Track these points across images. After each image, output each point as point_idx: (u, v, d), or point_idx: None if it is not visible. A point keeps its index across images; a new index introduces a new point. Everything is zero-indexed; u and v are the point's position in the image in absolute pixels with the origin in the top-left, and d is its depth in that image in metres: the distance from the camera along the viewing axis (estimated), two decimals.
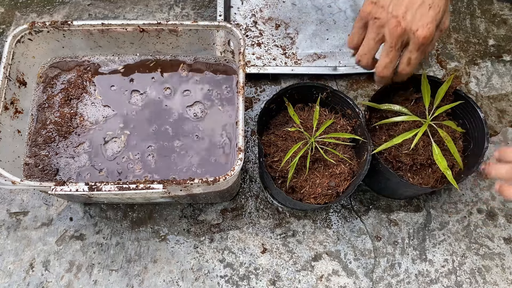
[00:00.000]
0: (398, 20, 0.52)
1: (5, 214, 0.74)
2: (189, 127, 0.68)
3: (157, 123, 0.68)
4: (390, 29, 0.53)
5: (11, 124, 0.63)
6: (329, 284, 0.70)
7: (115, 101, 0.69)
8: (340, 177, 0.67)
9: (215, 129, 0.68)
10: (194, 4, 0.93)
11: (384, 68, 0.57)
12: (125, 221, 0.74)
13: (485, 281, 0.71)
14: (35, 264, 0.70)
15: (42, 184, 0.55)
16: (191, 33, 0.67)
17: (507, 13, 0.94)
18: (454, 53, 0.90)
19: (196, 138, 0.67)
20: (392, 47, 0.54)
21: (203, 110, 0.69)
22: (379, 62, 0.57)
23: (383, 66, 0.57)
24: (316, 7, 0.92)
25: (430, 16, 0.51)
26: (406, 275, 0.71)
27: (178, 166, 0.65)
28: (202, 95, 0.70)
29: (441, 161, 0.61)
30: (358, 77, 0.86)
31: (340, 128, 0.70)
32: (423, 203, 0.77)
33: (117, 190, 0.54)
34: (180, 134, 0.67)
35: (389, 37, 0.54)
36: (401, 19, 0.52)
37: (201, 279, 0.70)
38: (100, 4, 0.93)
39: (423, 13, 0.51)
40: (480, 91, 0.86)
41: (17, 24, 0.90)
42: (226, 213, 0.75)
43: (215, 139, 0.67)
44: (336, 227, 0.74)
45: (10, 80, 0.62)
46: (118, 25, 0.65)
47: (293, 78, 0.86)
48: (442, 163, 0.61)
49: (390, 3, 0.52)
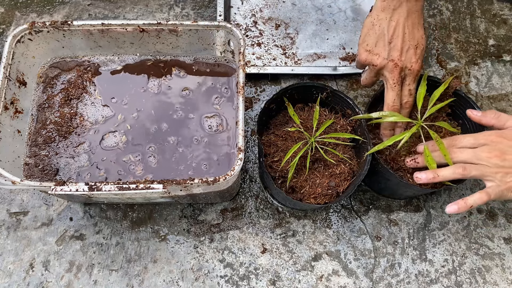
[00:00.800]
0: (395, 63, 0.63)
1: (5, 214, 0.74)
2: (189, 126, 0.68)
3: (157, 123, 0.68)
4: (389, 70, 0.64)
5: (11, 124, 0.63)
6: (329, 284, 0.70)
7: (115, 101, 0.69)
8: (340, 177, 0.67)
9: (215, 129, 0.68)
10: (194, 4, 0.93)
11: (393, 101, 0.65)
12: (125, 221, 0.74)
13: (485, 281, 0.71)
14: (35, 264, 0.70)
15: (42, 184, 0.55)
16: (191, 33, 0.67)
17: (507, 13, 0.94)
18: (454, 53, 0.90)
19: (196, 138, 0.67)
20: (395, 83, 0.64)
21: (203, 110, 0.69)
22: (388, 98, 0.66)
23: (391, 99, 0.65)
24: (316, 7, 0.92)
25: (417, 54, 0.64)
26: (406, 275, 0.71)
27: (178, 166, 0.65)
28: (202, 95, 0.70)
29: (431, 163, 0.61)
30: (358, 77, 0.86)
31: (340, 128, 0.70)
32: (423, 203, 0.77)
33: (117, 190, 0.54)
34: (180, 134, 0.67)
35: (390, 76, 0.64)
36: (398, 61, 0.63)
37: (201, 279, 0.70)
38: (100, 4, 0.93)
39: (412, 53, 0.64)
40: (480, 91, 0.86)
41: (17, 24, 0.90)
42: (226, 213, 0.75)
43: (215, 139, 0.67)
44: (336, 227, 0.74)
45: (10, 80, 0.62)
46: (118, 25, 0.65)
47: (293, 78, 0.86)
48: (432, 165, 0.61)
49: (384, 51, 0.64)
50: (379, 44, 0.64)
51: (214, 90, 0.70)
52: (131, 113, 0.69)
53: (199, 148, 0.66)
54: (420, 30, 0.64)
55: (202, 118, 0.69)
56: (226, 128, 0.68)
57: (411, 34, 0.64)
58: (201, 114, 0.69)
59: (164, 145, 0.67)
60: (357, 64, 0.69)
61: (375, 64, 0.65)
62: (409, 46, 0.63)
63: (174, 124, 0.68)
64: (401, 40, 0.63)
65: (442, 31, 0.92)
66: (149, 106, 0.69)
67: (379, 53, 0.64)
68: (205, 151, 0.66)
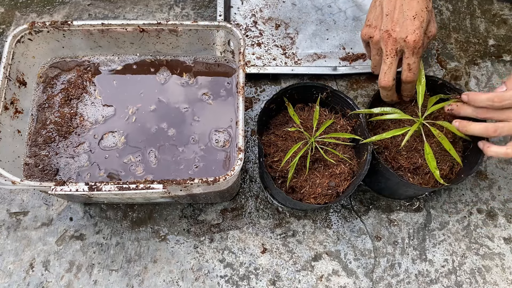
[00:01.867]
0: (389, 33, 0.62)
1: (5, 214, 0.74)
2: (189, 126, 0.68)
3: (157, 123, 0.68)
4: (383, 41, 0.63)
5: (11, 124, 0.63)
6: (329, 284, 0.70)
7: (115, 101, 0.69)
8: (340, 177, 0.67)
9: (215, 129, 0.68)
10: (194, 4, 0.93)
11: (384, 75, 0.64)
12: (125, 221, 0.74)
13: (485, 281, 0.71)
14: (35, 264, 0.70)
15: (42, 184, 0.55)
16: (191, 33, 0.67)
17: (507, 13, 0.94)
18: (454, 53, 0.90)
19: (196, 137, 0.67)
20: (387, 54, 0.63)
21: (203, 110, 0.69)
22: (380, 72, 0.65)
23: (383, 72, 0.64)
24: (316, 7, 0.92)
25: (415, 24, 0.61)
26: (406, 275, 0.71)
27: (178, 166, 0.65)
28: (202, 94, 0.70)
29: (431, 161, 0.61)
30: (358, 77, 0.86)
31: (340, 128, 0.70)
32: (423, 203, 0.77)
33: (117, 190, 0.54)
34: (180, 134, 0.67)
35: (384, 48, 0.64)
36: (391, 31, 0.62)
37: (201, 279, 0.70)
38: (100, 4, 0.93)
39: (409, 23, 0.61)
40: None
41: (17, 24, 0.90)
42: (226, 213, 0.75)
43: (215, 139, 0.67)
44: (336, 227, 0.74)
45: (10, 80, 0.62)
46: (118, 25, 0.65)
47: (293, 78, 0.86)
48: (432, 163, 0.61)
49: (381, 23, 0.64)
50: (378, 18, 0.65)
51: (214, 90, 0.70)
52: (131, 113, 0.69)
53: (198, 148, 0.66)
54: (420, 3, 0.62)
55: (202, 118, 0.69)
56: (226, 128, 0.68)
57: (408, 5, 0.62)
58: (200, 113, 0.69)
59: (165, 145, 0.67)
60: (362, 43, 0.70)
61: (372, 36, 0.65)
62: (405, 17, 0.61)
63: (174, 124, 0.68)
64: (398, 11, 0.62)
65: (442, 31, 0.92)
66: (149, 106, 0.69)
67: (377, 26, 0.65)
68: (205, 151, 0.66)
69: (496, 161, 0.81)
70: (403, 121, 0.69)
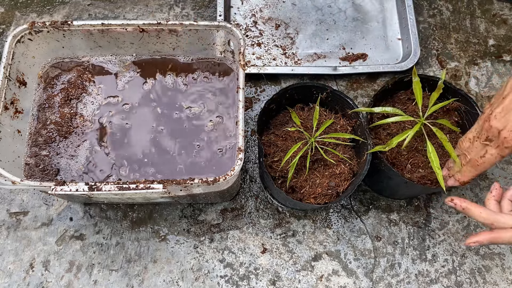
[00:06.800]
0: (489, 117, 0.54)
1: (5, 214, 0.74)
2: (189, 126, 0.68)
3: (157, 124, 0.68)
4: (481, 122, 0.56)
5: (11, 124, 0.63)
6: (329, 284, 0.70)
7: (115, 101, 0.69)
8: (340, 177, 0.67)
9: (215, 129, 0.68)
10: (194, 4, 0.93)
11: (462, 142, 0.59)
12: (125, 221, 0.74)
13: (485, 281, 0.71)
14: (35, 264, 0.70)
15: (42, 184, 0.55)
16: (191, 33, 0.67)
17: (507, 13, 0.94)
18: (454, 53, 0.90)
19: (195, 138, 0.67)
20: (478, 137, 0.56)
21: (203, 109, 0.69)
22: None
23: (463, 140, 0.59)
24: (316, 7, 0.92)
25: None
26: (406, 275, 0.71)
27: (178, 166, 0.65)
28: (201, 95, 0.70)
29: (434, 160, 0.61)
30: (358, 77, 0.86)
31: (340, 128, 0.70)
32: (423, 203, 0.77)
33: (117, 190, 0.54)
34: (179, 133, 0.67)
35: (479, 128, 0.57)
36: (492, 117, 0.54)
37: (201, 279, 0.70)
38: (100, 4, 0.93)
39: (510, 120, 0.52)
40: (480, 91, 0.86)
41: (17, 24, 0.90)
42: (226, 213, 0.75)
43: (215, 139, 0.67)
44: (336, 227, 0.74)
45: (10, 80, 0.62)
46: (118, 25, 0.65)
47: (293, 78, 0.86)
48: (435, 162, 0.61)
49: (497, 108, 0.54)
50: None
51: (214, 90, 0.70)
52: (131, 113, 0.69)
53: (198, 148, 0.66)
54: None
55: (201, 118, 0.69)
56: (225, 128, 0.68)
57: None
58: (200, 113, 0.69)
59: (165, 145, 0.67)
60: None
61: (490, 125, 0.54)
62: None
63: (173, 124, 0.68)
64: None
65: (442, 31, 0.92)
66: (149, 106, 0.69)
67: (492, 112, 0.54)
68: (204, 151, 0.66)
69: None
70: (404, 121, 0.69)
